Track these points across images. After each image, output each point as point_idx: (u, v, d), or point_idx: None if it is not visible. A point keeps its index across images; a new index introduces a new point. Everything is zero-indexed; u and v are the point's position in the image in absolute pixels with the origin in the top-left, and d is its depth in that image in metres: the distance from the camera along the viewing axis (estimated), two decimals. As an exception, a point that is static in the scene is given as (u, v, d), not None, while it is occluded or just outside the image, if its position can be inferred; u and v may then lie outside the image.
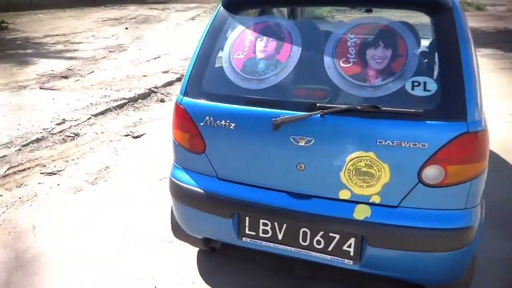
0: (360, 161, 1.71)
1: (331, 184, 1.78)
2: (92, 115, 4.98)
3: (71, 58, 8.01)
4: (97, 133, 4.54)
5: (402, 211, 1.74)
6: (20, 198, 3.25)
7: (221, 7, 2.10)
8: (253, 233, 1.95)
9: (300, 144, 1.76)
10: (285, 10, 2.19)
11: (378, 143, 1.68)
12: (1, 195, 3.29)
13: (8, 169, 3.69)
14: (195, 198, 2.02)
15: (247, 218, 1.94)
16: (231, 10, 2.09)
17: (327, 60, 1.81)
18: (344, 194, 1.79)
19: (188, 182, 2.05)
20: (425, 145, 1.64)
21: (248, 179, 1.94)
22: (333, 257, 1.85)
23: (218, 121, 1.89)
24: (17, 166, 3.75)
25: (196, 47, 2.08)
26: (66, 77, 6.64)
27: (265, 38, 1.95)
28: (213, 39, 2.04)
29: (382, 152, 1.68)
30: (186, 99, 1.99)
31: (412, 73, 1.71)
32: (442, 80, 1.68)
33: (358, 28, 1.86)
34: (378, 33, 1.83)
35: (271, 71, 1.88)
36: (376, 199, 1.76)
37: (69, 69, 7.12)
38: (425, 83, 1.68)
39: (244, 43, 1.97)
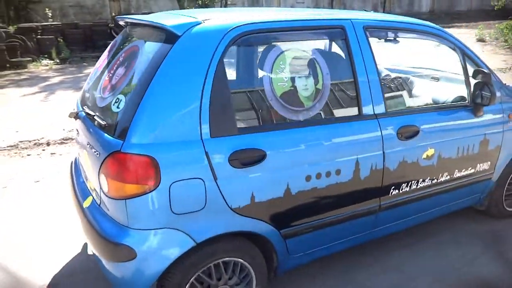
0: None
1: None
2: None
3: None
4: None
5: (98, 211, 1.94)
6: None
7: None
8: None
9: None
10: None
11: (87, 144, 1.97)
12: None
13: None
14: None
15: None
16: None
17: (105, 73, 2.17)
18: (90, 184, 2.13)
19: None
20: (98, 154, 1.82)
21: None
22: None
23: None
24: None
25: None
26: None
27: (107, 53, 2.43)
28: None
29: (89, 153, 1.96)
30: None
31: (120, 90, 1.88)
32: (128, 100, 1.79)
33: (129, 49, 2.12)
34: (129, 54, 2.04)
35: (92, 78, 2.38)
36: (94, 194, 2.02)
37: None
38: (120, 101, 1.83)
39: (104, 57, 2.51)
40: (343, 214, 2.24)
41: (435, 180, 2.56)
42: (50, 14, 13.08)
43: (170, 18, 1.95)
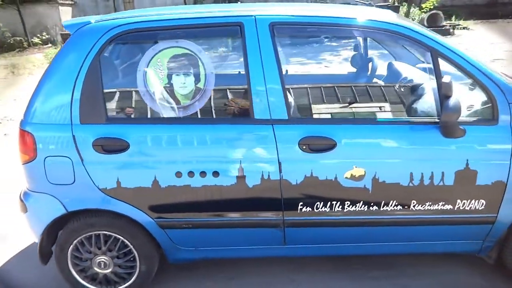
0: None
1: None
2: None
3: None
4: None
5: None
6: None
7: None
8: None
9: None
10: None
11: None
12: None
13: None
14: None
15: None
16: None
17: None
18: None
19: None
20: None
21: None
22: None
23: None
24: None
25: None
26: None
27: None
28: None
29: None
30: None
31: None
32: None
33: None
34: None
35: None
36: None
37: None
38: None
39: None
40: (231, 219, 2.15)
41: (375, 208, 2.11)
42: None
43: (79, 19, 2.26)
